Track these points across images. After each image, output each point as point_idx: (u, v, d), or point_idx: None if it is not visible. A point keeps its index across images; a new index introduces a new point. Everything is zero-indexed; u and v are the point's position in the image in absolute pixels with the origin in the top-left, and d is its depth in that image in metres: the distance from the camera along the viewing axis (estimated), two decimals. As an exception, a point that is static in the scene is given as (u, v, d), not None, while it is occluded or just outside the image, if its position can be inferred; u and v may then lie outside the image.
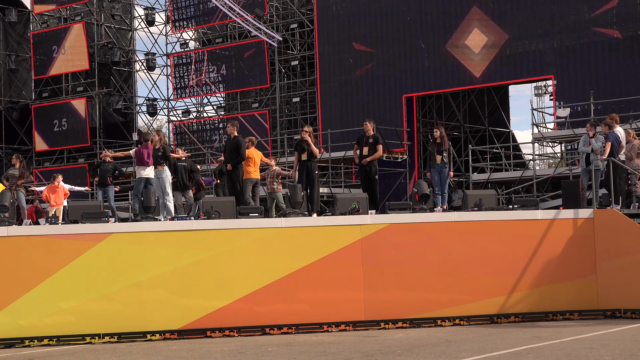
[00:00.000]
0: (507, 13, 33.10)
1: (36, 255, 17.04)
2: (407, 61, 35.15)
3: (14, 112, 45.04)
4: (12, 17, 44.73)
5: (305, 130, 19.71)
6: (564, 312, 18.39)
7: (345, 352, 14.11)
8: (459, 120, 38.51)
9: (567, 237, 18.59)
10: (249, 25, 39.76)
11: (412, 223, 18.39)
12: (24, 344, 16.68)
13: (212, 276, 17.34)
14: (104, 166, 22.33)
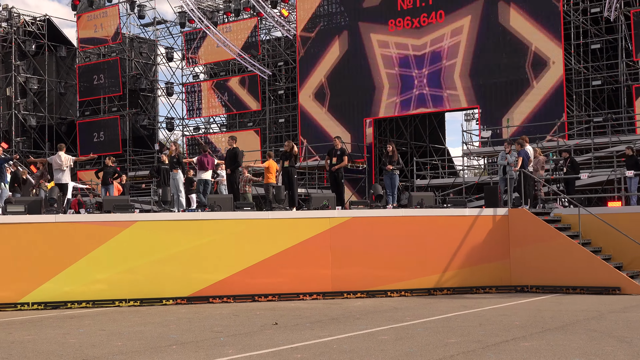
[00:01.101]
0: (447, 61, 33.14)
1: (77, 237, 16.91)
2: (368, 93, 35.14)
3: (62, 126, 44.78)
4: (62, 52, 44.48)
5: (288, 143, 19.72)
6: (484, 287, 18.41)
7: (317, 316, 14.11)
8: (406, 139, 38.52)
9: (488, 229, 18.62)
10: (246, 62, 39.72)
11: (370, 217, 18.38)
12: (67, 306, 16.59)
13: (214, 255, 17.28)
14: (107, 169, 22.12)
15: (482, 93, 32.41)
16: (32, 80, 43.36)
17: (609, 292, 17.06)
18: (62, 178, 19.16)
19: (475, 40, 32.38)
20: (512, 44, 31.52)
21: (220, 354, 9.82)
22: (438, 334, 11.37)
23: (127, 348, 10.55)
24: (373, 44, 35.00)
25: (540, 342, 10.33)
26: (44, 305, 16.53)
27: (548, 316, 13.34)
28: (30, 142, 42.75)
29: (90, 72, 43.49)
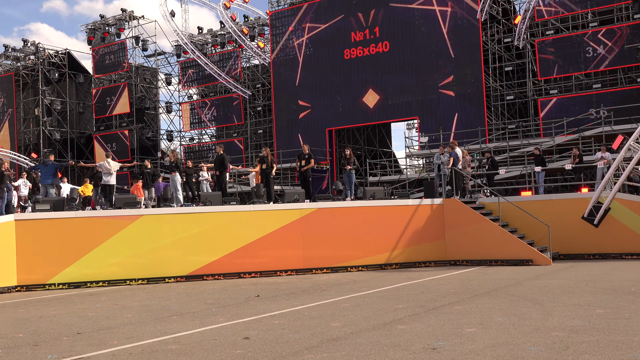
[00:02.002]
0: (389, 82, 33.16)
1: (94, 229, 16.61)
2: (330, 108, 35.07)
3: (82, 139, 44.10)
4: (80, 79, 43.87)
5: (264, 150, 19.57)
6: (425, 262, 18.42)
7: (291, 289, 13.97)
8: (360, 144, 38.51)
9: (427, 215, 18.62)
10: (230, 84, 39.43)
11: (332, 208, 18.28)
12: (87, 285, 16.29)
13: (206, 241, 17.07)
14: (97, 174, 21.54)
15: (420, 107, 32.47)
16: (56, 102, 42.63)
17: (524, 263, 17.15)
18: (109, 180, 18.91)
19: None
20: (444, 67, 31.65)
21: (212, 322, 9.66)
22: (389, 300, 11.30)
23: (136, 319, 10.34)
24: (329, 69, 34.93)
25: (470, 305, 10.30)
26: (67, 285, 16.22)
27: (476, 284, 13.34)
28: (55, 152, 42.01)
29: (104, 94, 42.84)
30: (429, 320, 9.08)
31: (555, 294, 11.26)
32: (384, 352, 7.12)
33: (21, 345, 8.40)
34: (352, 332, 8.39)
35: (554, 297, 10.87)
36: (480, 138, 28.95)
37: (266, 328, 8.94)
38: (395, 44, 33.09)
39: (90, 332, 9.20)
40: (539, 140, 27.20)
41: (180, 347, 7.84)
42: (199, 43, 42.36)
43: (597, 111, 26.27)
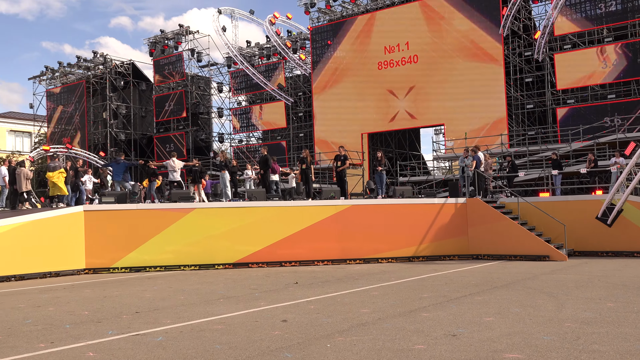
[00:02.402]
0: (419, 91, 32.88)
1: (153, 220, 16.87)
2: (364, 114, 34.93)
3: (143, 140, 44.75)
4: (142, 87, 44.53)
5: (304, 152, 19.60)
6: (449, 255, 18.23)
7: (326, 277, 13.96)
8: (392, 147, 38.26)
9: (452, 213, 18.43)
10: (275, 92, 39.61)
11: (365, 205, 18.22)
12: (146, 270, 16.54)
13: (252, 233, 17.19)
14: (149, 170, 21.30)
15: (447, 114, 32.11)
16: (121, 106, 43.38)
17: (541, 259, 16.83)
18: (175, 177, 19.20)
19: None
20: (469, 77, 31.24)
21: (254, 306, 9.71)
22: (415, 290, 11.20)
23: (188, 301, 10.45)
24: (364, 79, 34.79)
25: (489, 296, 10.15)
26: (129, 269, 16.50)
27: (495, 277, 13.14)
28: (121, 151, 42.79)
29: (163, 100, 43.41)
30: (450, 309, 8.98)
31: (569, 288, 11.02)
32: (407, 337, 7.06)
33: (86, 322, 8.57)
34: (379, 317, 8.35)
35: (568, 291, 10.63)
36: (501, 143, 28.53)
37: (302, 312, 8.95)
38: (424, 56, 32.80)
39: (147, 312, 9.34)
40: (556, 146, 26.66)
41: (225, 327, 7.91)
42: (247, 55, 42.63)
43: (611, 120, 25.63)
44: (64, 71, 45.82)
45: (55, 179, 18.35)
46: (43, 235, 15.57)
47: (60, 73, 46.07)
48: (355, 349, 6.53)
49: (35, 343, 7.23)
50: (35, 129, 49.35)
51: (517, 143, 29.58)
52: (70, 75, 45.90)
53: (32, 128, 51.12)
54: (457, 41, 31.72)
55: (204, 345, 6.88)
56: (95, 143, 43.92)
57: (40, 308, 9.96)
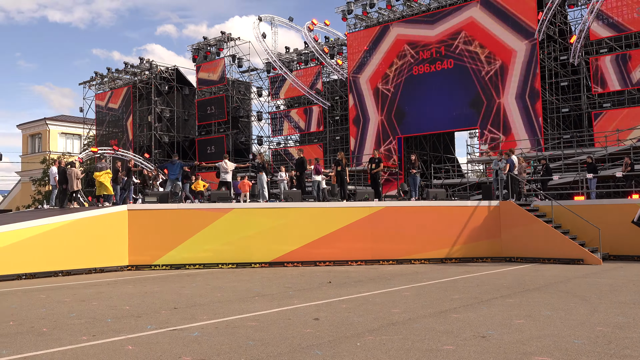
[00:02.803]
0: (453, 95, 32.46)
1: (192, 220, 17.05)
2: (400, 118, 34.69)
3: (186, 142, 45.30)
4: (186, 91, 45.09)
5: (339, 154, 19.54)
6: (482, 257, 17.95)
7: (360, 277, 13.90)
8: (426, 150, 37.88)
9: (485, 215, 18.15)
10: (312, 97, 39.65)
11: (399, 206, 18.08)
12: (185, 267, 16.71)
13: (287, 232, 17.22)
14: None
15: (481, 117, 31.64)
16: (165, 110, 44.05)
17: (575, 262, 16.41)
18: (226, 177, 19.45)
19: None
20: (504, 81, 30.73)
21: (288, 304, 9.72)
22: (446, 291, 11.05)
23: (224, 298, 10.53)
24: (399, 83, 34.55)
25: (521, 299, 9.93)
26: (169, 267, 16.71)
27: (528, 280, 12.86)
28: (164, 153, 43.42)
29: (205, 104, 43.91)
30: (481, 310, 8.82)
31: (602, 292, 10.70)
32: (437, 338, 6.96)
33: (127, 316, 8.71)
34: (410, 318, 8.25)
35: (601, 295, 10.33)
36: (536, 147, 27.93)
37: (334, 311, 8.91)
38: (459, 61, 32.41)
39: (185, 308, 9.44)
40: (592, 150, 25.99)
41: (259, 324, 7.93)
42: (286, 60, 42.83)
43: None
44: (112, 77, 46.79)
45: (102, 179, 18.75)
46: (89, 233, 15.91)
47: (109, 78, 47.07)
48: (385, 348, 6.46)
49: (78, 336, 7.37)
50: (85, 131, 50.51)
51: (552, 147, 28.94)
52: (118, 81, 46.85)
53: (81, 131, 52.35)
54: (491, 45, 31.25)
55: (237, 341, 6.91)
56: (140, 145, 44.68)
57: (85, 302, 10.17)
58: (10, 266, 14.25)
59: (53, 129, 57.04)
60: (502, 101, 30.84)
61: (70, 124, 57.97)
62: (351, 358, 6.07)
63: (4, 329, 7.85)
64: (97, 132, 48.36)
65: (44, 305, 9.95)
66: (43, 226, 15.07)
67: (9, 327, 7.97)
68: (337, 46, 40.61)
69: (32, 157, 56.79)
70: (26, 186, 55.82)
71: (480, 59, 31.78)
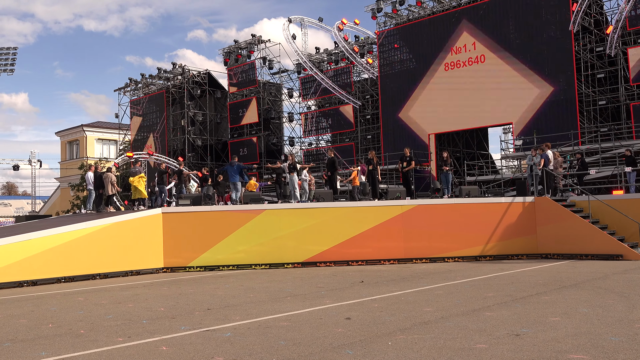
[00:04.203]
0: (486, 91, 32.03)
1: (225, 221, 17.23)
2: (431, 115, 34.39)
3: (219, 145, 45.76)
4: (218, 94, 45.55)
5: (370, 153, 19.52)
6: (517, 255, 17.70)
7: (392, 276, 13.84)
8: (459, 147, 37.47)
9: (519, 212, 17.89)
10: (343, 96, 39.62)
11: (431, 204, 17.93)
12: (219, 268, 16.88)
13: (319, 233, 17.27)
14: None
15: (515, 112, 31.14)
16: (198, 114, 44.56)
17: (614, 258, 16.04)
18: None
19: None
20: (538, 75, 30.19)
21: (320, 303, 9.74)
22: (480, 289, 10.93)
23: (257, 298, 10.61)
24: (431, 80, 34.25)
25: (557, 296, 9.75)
26: (203, 268, 16.92)
27: (564, 276, 12.62)
28: (198, 156, 43.96)
29: (237, 107, 44.28)
30: (515, 308, 8.69)
31: (642, 288, 10.44)
32: (469, 336, 6.89)
33: (161, 318, 8.85)
34: (442, 316, 8.19)
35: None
36: (572, 141, 27.38)
37: (366, 310, 8.90)
38: (491, 56, 31.96)
39: (218, 309, 9.55)
40: (630, 142, 25.34)
41: (291, 324, 7.97)
42: (316, 61, 42.90)
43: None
44: (146, 82, 47.58)
45: (136, 183, 19.10)
46: (125, 236, 16.22)
47: (143, 84, 47.88)
48: (416, 347, 6.43)
49: (114, 337, 7.53)
50: (120, 137, 51.50)
51: (589, 140, 28.31)
52: (152, 86, 47.62)
53: (117, 136, 53.40)
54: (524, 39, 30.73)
55: (269, 341, 6.96)
56: (174, 149, 45.33)
57: (121, 304, 10.38)
58: (50, 270, 14.63)
59: (90, 135, 58.34)
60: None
61: (106, 129, 59.21)
62: (382, 357, 6.06)
63: (43, 331, 8.07)
64: (132, 137, 49.24)
65: (82, 307, 10.19)
66: (81, 230, 15.43)
67: (48, 329, 8.19)
68: (367, 45, 40.48)
69: (71, 163, 58.18)
70: (65, 191, 57.25)
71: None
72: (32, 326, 8.49)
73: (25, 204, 72.62)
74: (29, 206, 64.82)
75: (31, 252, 14.40)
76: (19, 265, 14.16)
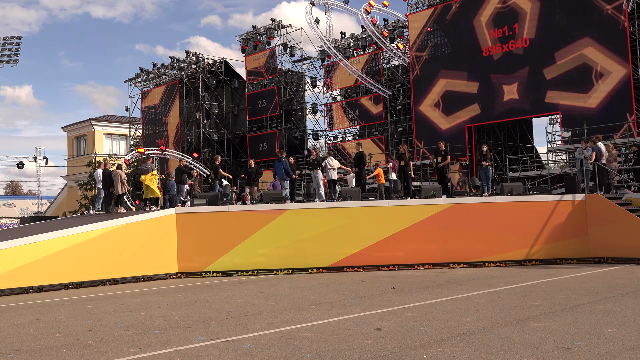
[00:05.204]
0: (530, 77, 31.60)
1: (244, 222, 17.32)
2: (469, 105, 34.08)
3: (237, 139, 46.01)
4: (235, 85, 45.73)
5: (402, 147, 19.44)
6: (567, 259, 17.45)
7: (427, 282, 13.75)
8: (500, 140, 37.08)
9: (568, 211, 17.64)
10: (371, 85, 39.51)
11: (469, 203, 17.80)
12: (238, 274, 16.97)
13: (347, 234, 17.25)
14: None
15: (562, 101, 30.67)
16: (214, 106, 44.84)
17: (675, 262, 15.70)
18: (332, 175, 19.64)
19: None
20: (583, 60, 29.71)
21: (348, 312, 9.71)
22: (525, 297, 10.78)
23: (279, 306, 10.61)
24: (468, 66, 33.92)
25: (612, 305, 9.56)
26: (221, 274, 17.02)
27: (621, 283, 12.39)
28: (214, 152, 44.14)
29: (256, 98, 44.49)
30: (565, 318, 8.55)
31: None
32: (514, 349, 6.78)
33: (176, 327, 8.91)
34: (483, 327, 8.09)
35: None
36: (628, 132, 26.88)
37: (399, 320, 8.84)
38: (535, 39, 31.52)
39: (237, 318, 9.58)
40: (694, 133, 24.80)
41: (316, 335, 7.95)
42: (342, 47, 42.85)
43: None
44: (158, 72, 48.00)
45: (148, 181, 19.26)
46: (136, 239, 16.38)
47: (155, 74, 48.32)
48: (455, 361, 6.36)
49: (125, 348, 7.59)
50: (131, 131, 52.06)
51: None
52: (164, 77, 48.03)
53: (127, 131, 54.00)
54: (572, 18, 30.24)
55: (292, 354, 6.95)
56: (188, 144, 45.67)
57: (132, 312, 10.47)
58: (57, 275, 14.84)
59: (98, 129, 59.13)
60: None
61: (115, 124, 59.94)
62: (417, 372, 6.00)
63: (49, 341, 8.17)
64: (143, 131, 49.75)
65: (91, 315, 10.31)
66: (89, 232, 15.62)
67: (55, 339, 8.29)
68: (398, 29, 40.27)
69: (78, 160, 59.07)
70: (72, 191, 58.13)
71: (560, 36, 30.81)
72: (37, 336, 8.60)
73: (30, 204, 74.03)
74: (34, 206, 66.02)
75: (37, 256, 14.62)
76: (24, 270, 14.39)
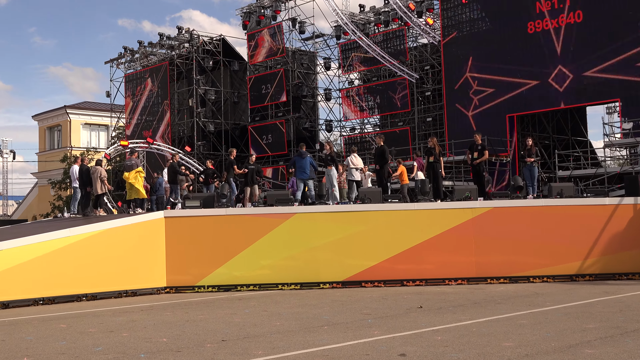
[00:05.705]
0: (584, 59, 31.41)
1: (245, 228, 17.39)
2: (511, 91, 33.97)
3: (236, 131, 46.15)
4: (235, 67, 45.89)
5: (431, 140, 19.43)
6: (627, 274, 17.41)
7: (460, 300, 13.77)
8: (548, 132, 36.94)
9: (630, 217, 17.62)
10: (395, 67, 39.50)
11: (511, 207, 17.78)
12: (237, 289, 17.08)
13: (365, 243, 17.27)
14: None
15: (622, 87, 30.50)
16: (210, 91, 45.01)
17: None
18: (355, 175, 19.72)
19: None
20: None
21: (366, 335, 9.70)
22: (577, 319, 10.74)
23: (284, 328, 10.63)
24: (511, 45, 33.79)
25: (681, 329, 9.49)
26: (217, 288, 17.08)
27: (690, 303, 12.30)
28: (210, 145, 44.35)
29: (259, 82, 44.57)
30: (625, 344, 8.50)
31: None
32: (564, 381, 6.75)
33: (163, 351, 8.93)
34: (527, 354, 8.07)
35: None
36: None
37: (426, 344, 8.83)
38: (590, 13, 31.32)
39: (235, 340, 9.59)
40: None
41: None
42: (361, 22, 42.83)
43: None
44: (145, 52, 48.17)
45: (132, 179, 19.36)
46: (118, 247, 16.43)
47: (141, 54, 48.51)
48: (493, 394, 6.33)
49: (103, 375, 7.62)
50: (113, 121, 52.31)
51: None
52: (152, 57, 48.21)
53: (108, 120, 54.28)
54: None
55: (300, 384, 6.94)
56: (180, 136, 45.85)
57: (113, 333, 10.51)
58: (26, 289, 14.91)
59: (75, 119, 59.46)
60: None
61: (95, 112, 60.26)
62: (448, 406, 5.98)
63: (16, 366, 8.21)
64: (127, 121, 50.00)
65: (65, 337, 10.36)
66: (63, 239, 15.69)
67: (22, 364, 8.33)
68: (426, 1, 40.21)
69: (51, 154, 59.45)
70: (44, 190, 58.54)
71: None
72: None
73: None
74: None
75: (1, 267, 14.69)
76: (-13, 282, 14.48)
